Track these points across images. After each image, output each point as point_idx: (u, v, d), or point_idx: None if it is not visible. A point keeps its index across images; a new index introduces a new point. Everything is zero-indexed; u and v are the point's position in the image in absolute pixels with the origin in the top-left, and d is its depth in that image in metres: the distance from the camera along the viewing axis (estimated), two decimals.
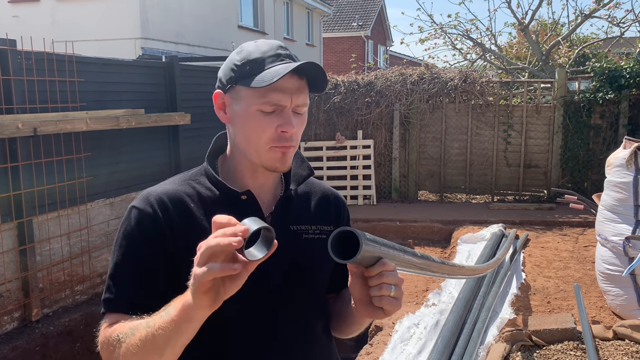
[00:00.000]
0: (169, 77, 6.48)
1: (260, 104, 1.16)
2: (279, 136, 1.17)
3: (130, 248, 1.18)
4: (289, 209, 1.29)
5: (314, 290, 1.31)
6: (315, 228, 1.31)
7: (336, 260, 0.98)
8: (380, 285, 1.05)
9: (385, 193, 8.99)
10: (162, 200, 1.20)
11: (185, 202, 1.21)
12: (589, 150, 8.16)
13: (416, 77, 8.57)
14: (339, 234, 0.99)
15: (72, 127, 4.76)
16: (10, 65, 4.37)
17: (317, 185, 1.40)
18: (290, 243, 1.25)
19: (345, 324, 1.36)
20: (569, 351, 3.55)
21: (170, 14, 12.29)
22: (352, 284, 1.11)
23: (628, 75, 7.76)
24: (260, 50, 1.18)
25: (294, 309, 1.25)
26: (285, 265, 1.23)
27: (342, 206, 1.42)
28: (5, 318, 4.37)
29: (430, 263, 1.30)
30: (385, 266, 1.05)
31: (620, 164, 4.26)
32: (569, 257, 5.86)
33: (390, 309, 1.08)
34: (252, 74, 1.16)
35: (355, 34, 26.51)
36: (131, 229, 1.19)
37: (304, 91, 1.18)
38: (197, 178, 1.27)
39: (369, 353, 3.87)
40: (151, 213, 1.18)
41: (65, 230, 4.91)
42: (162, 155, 6.42)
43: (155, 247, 1.17)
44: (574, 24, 11.05)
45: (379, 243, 1.03)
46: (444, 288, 4.76)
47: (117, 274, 1.19)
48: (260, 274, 1.13)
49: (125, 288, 1.17)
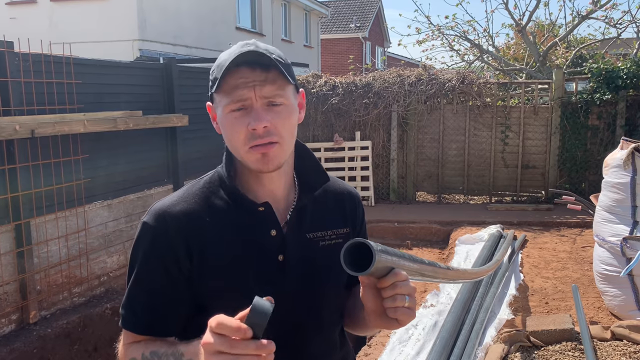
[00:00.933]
0: (167, 78, 6.47)
1: (228, 104, 1.13)
2: (250, 134, 1.12)
3: (144, 271, 1.17)
4: (304, 217, 1.25)
5: (334, 296, 1.29)
6: (331, 233, 1.27)
7: (351, 273, 0.96)
8: (395, 296, 1.03)
9: (383, 194, 9.00)
10: (176, 217, 1.16)
11: (200, 217, 1.17)
12: (586, 151, 8.18)
13: (414, 79, 8.58)
14: (351, 245, 0.98)
15: (69, 129, 4.76)
16: (8, 67, 4.36)
17: (331, 184, 1.34)
18: (308, 252, 1.22)
19: (357, 325, 1.33)
20: (567, 352, 3.55)
21: (168, 15, 12.29)
22: (364, 295, 1.08)
23: (625, 76, 7.78)
24: (228, 53, 1.15)
25: (315, 317, 1.24)
26: (306, 274, 1.21)
27: (357, 204, 1.38)
28: (2, 320, 4.36)
29: (437, 270, 1.29)
30: (399, 276, 1.02)
31: (617, 165, 4.27)
32: (567, 257, 5.86)
33: (405, 320, 1.06)
34: (217, 78, 1.14)
35: (353, 35, 26.52)
36: (146, 250, 1.16)
37: (273, 82, 1.12)
38: (211, 187, 1.22)
39: (367, 354, 3.86)
40: (165, 233, 1.15)
41: (63, 232, 4.90)
42: (160, 157, 6.42)
43: (170, 270, 1.15)
44: (571, 25, 11.07)
45: (390, 254, 1.02)
46: (442, 289, 4.76)
47: (131, 294, 1.18)
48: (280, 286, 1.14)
49: (138, 311, 1.17)
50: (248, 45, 1.15)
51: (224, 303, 1.13)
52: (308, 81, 8.91)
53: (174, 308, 1.15)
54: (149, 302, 1.16)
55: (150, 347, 1.12)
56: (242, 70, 1.11)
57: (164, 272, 1.15)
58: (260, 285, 1.15)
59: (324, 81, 8.91)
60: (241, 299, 1.13)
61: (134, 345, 1.15)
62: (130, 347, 1.15)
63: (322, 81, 8.91)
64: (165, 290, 1.15)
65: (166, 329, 1.16)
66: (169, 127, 6.37)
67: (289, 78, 1.15)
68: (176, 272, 1.15)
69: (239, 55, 1.11)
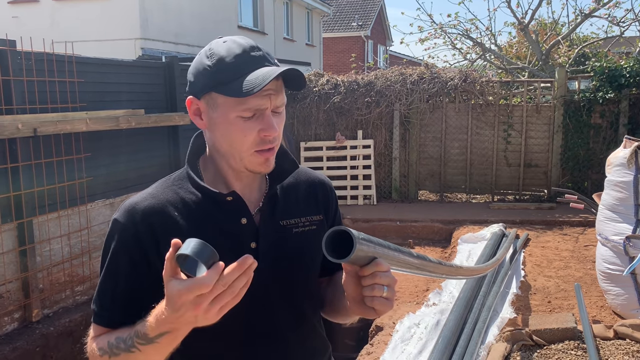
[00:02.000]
0: (169, 77, 6.47)
1: (240, 111, 1.13)
2: (261, 140, 1.15)
3: (114, 266, 1.19)
4: (277, 204, 1.27)
5: (309, 282, 1.31)
6: (305, 220, 1.29)
7: (331, 260, 0.98)
8: (373, 285, 1.06)
9: (385, 193, 8.99)
10: (145, 213, 1.18)
11: (169, 212, 1.19)
12: (589, 150, 8.16)
13: (416, 77, 8.57)
14: (334, 232, 1.00)
15: (72, 128, 4.76)
16: (10, 65, 4.36)
17: (303, 174, 1.37)
18: (282, 239, 1.25)
19: (337, 313, 1.36)
20: (570, 351, 3.55)
21: (170, 14, 12.29)
22: (345, 282, 1.11)
23: (628, 74, 7.75)
24: (233, 54, 1.13)
25: (291, 303, 1.26)
26: (279, 260, 1.23)
27: (329, 191, 1.39)
28: (5, 319, 4.37)
29: (426, 263, 1.29)
30: (379, 266, 1.04)
31: (620, 163, 4.25)
32: (570, 256, 5.85)
33: (382, 310, 1.08)
34: (227, 80, 1.12)
35: (355, 34, 26.50)
36: (115, 247, 1.18)
37: (281, 91, 1.16)
38: (180, 182, 1.24)
39: (369, 353, 3.86)
40: (134, 229, 1.17)
41: (65, 230, 4.91)
42: (161, 156, 6.42)
43: (139, 266, 1.17)
44: (573, 23, 11.04)
45: (373, 243, 1.03)
46: (444, 288, 4.75)
47: (101, 289, 1.20)
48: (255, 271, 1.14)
49: (106, 306, 1.19)
50: (257, 50, 1.15)
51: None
52: (310, 80, 8.90)
53: (142, 303, 1.16)
54: (118, 297, 1.18)
55: (115, 333, 1.14)
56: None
57: (132, 267, 1.17)
58: None
59: (326, 80, 8.90)
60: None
61: (102, 337, 1.17)
62: (97, 338, 1.18)
63: (324, 80, 8.90)
64: (133, 286, 1.17)
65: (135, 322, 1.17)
66: (171, 125, 6.37)
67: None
68: (144, 267, 1.16)
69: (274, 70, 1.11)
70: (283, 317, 1.25)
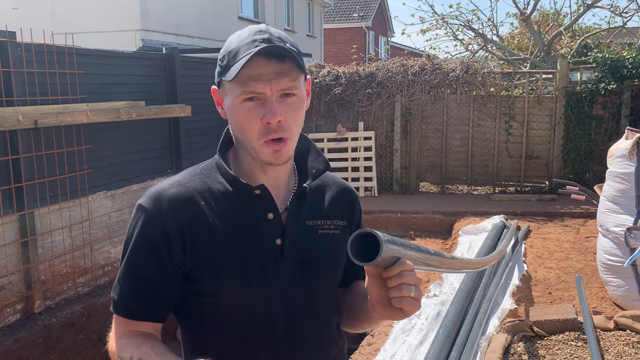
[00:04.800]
0: (170, 68, 6.46)
1: (240, 95, 1.11)
2: (265, 128, 1.12)
3: (136, 254, 1.16)
4: (304, 204, 1.24)
5: (331, 285, 1.28)
6: (330, 223, 1.27)
7: (357, 263, 0.96)
8: (400, 286, 1.02)
9: (386, 184, 8.99)
10: (172, 201, 1.15)
11: (196, 201, 1.17)
12: (590, 141, 8.14)
13: (417, 68, 8.54)
14: (358, 235, 0.97)
15: (72, 119, 4.76)
16: (10, 57, 4.35)
17: (331, 178, 1.35)
18: (307, 239, 1.22)
19: (357, 321, 1.31)
20: (570, 341, 3.56)
21: (171, 5, 12.24)
22: (369, 285, 1.07)
23: (630, 65, 7.72)
24: (239, 39, 1.14)
25: (312, 306, 1.23)
26: (303, 260, 1.20)
27: (355, 200, 1.37)
28: (7, 310, 4.39)
29: (442, 259, 1.29)
30: (405, 266, 1.02)
31: (622, 155, 4.25)
32: (571, 248, 5.86)
33: (410, 310, 1.05)
34: (229, 66, 1.12)
35: (356, 24, 26.38)
36: (138, 234, 1.16)
37: (288, 74, 1.11)
38: (209, 172, 1.22)
39: (370, 344, 3.88)
40: (159, 218, 1.14)
41: (66, 222, 4.92)
42: (163, 147, 6.42)
43: (162, 255, 1.14)
44: (576, 14, 11.00)
45: (397, 244, 1.01)
46: (445, 279, 4.76)
47: (122, 277, 1.18)
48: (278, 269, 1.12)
49: (126, 295, 1.17)
50: (262, 33, 1.13)
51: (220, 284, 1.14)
52: (311, 71, 8.87)
53: (163, 292, 1.15)
54: (139, 287, 1.16)
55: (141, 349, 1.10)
56: (257, 61, 1.09)
57: (155, 256, 1.14)
58: (256, 268, 1.15)
59: (327, 71, 8.87)
60: (237, 280, 1.14)
61: (123, 340, 1.14)
62: (120, 340, 1.15)
63: (325, 71, 8.88)
64: (154, 275, 1.15)
65: (155, 313, 1.17)
66: (172, 117, 6.36)
67: (301, 68, 1.14)
68: (167, 256, 1.14)
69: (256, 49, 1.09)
70: (303, 316, 1.21)
